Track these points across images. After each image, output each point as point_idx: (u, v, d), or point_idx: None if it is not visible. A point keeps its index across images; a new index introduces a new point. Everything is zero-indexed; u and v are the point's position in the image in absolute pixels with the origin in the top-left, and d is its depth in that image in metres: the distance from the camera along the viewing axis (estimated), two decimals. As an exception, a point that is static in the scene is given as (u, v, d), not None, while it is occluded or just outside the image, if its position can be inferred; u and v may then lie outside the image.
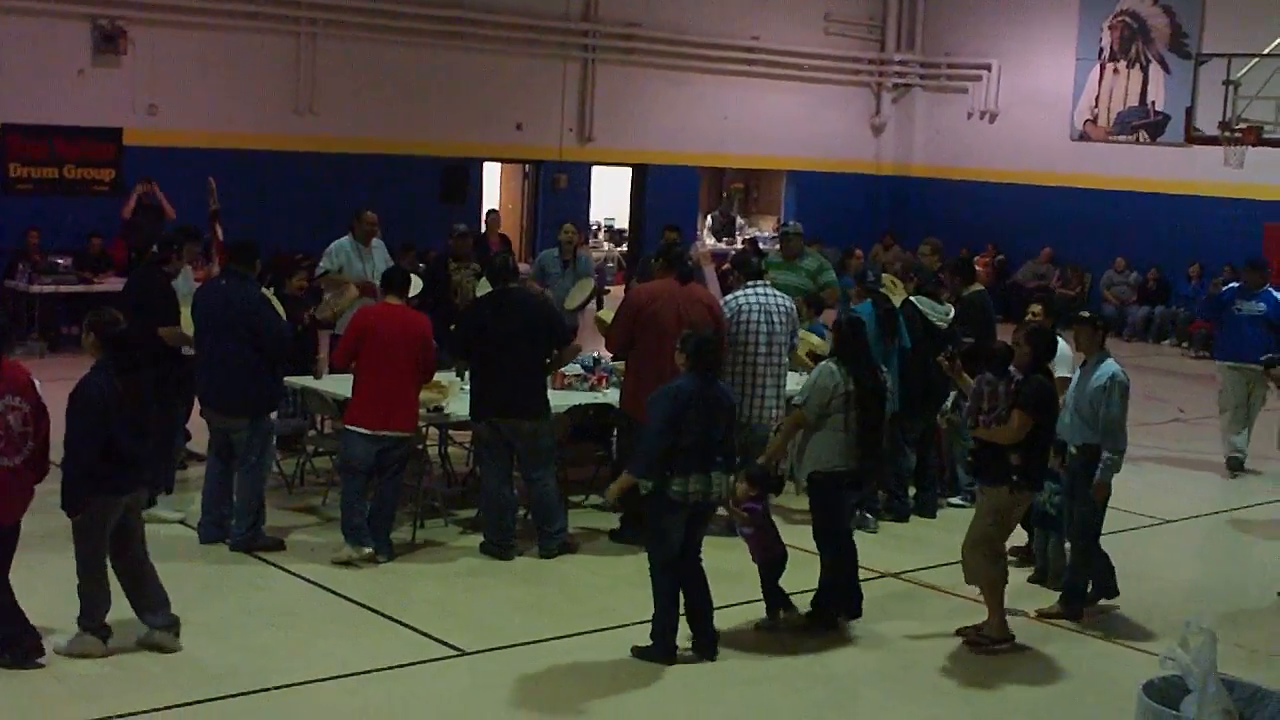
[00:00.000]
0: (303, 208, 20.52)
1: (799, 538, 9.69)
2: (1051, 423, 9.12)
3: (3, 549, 7.97)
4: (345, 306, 12.25)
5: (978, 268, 17.00)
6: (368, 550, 9.86)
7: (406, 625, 8.85)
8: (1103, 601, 9.85)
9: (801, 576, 9.35)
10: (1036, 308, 11.36)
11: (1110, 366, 9.42)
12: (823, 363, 9.45)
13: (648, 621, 8.53)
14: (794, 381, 11.24)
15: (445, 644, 8.57)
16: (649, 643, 8.46)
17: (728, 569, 9.38)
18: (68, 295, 18.15)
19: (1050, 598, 9.85)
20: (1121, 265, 25.05)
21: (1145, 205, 24.99)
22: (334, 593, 9.39)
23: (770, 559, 9.09)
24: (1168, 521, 12.54)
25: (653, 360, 10.10)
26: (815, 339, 12.42)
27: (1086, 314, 10.01)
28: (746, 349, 10.88)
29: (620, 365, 11.28)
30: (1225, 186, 22.99)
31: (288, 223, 19.92)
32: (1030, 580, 10.22)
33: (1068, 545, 9.99)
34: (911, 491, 12.04)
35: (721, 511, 9.38)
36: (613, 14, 24.46)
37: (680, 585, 8.50)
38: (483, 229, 17.75)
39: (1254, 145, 19.33)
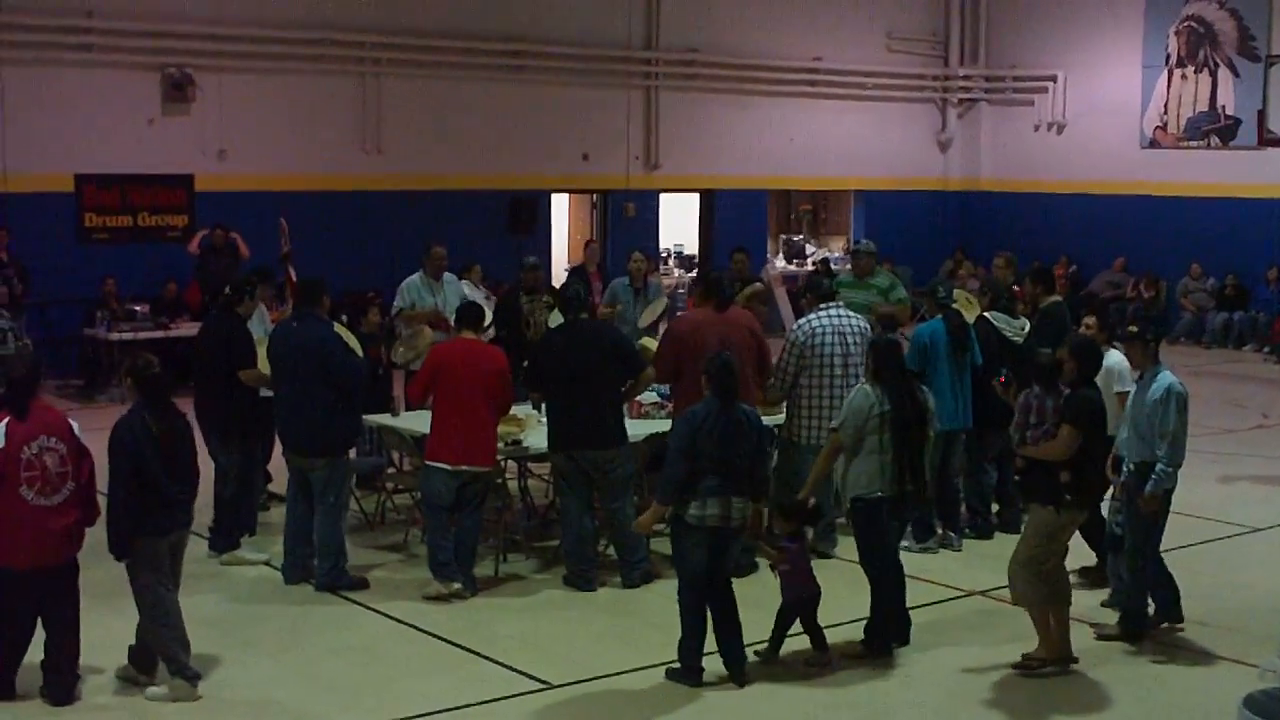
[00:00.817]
0: (373, 246, 20.68)
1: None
2: (1101, 439, 8.88)
3: (56, 589, 8.04)
4: (423, 349, 12.23)
5: (1053, 279, 16.78)
6: (456, 585, 9.87)
7: (493, 660, 8.84)
8: (1165, 625, 9.49)
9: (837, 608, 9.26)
10: (1090, 319, 11.10)
11: (1166, 378, 9.07)
12: (858, 385, 9.25)
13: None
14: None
15: (532, 678, 8.55)
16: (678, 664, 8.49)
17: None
18: (146, 341, 18.33)
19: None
20: (1198, 272, 24.75)
21: (1219, 210, 24.69)
22: (419, 630, 9.40)
23: (802, 597, 8.84)
24: (1257, 530, 12.33)
25: (699, 388, 10.09)
26: None
27: (1135, 328, 9.58)
28: (821, 371, 10.81)
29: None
30: (1300, 188, 22.75)
31: (359, 261, 20.09)
32: (1104, 604, 9.86)
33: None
34: (995, 508, 11.93)
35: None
36: (674, 40, 24.50)
37: (707, 609, 8.48)
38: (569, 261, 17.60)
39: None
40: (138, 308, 18.44)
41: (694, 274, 26.13)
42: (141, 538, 8.04)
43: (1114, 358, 10.13)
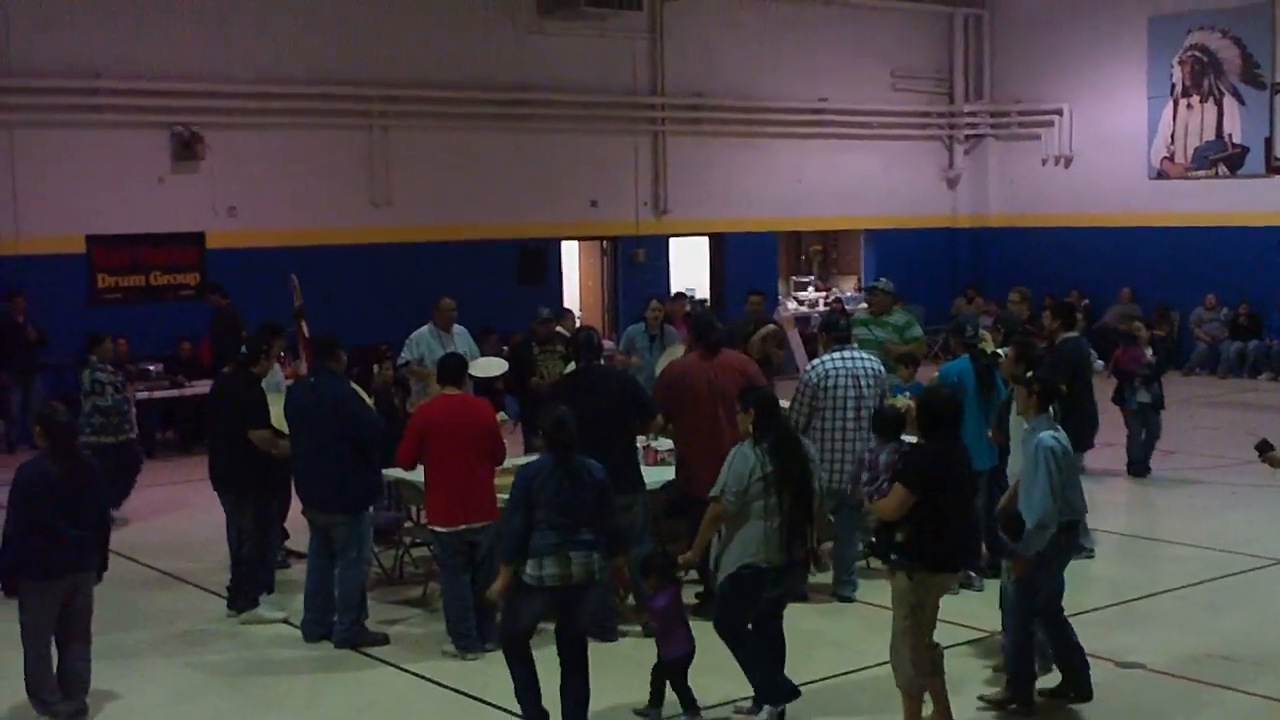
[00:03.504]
0: (384, 299, 20.69)
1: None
2: (957, 495, 7.98)
3: None
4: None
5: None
6: (473, 658, 9.78)
7: (515, 714, 8.76)
8: (1073, 697, 8.73)
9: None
10: (1010, 351, 10.75)
11: (1042, 433, 8.36)
12: (737, 445, 8.41)
13: (740, 699, 8.49)
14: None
15: (555, 730, 8.48)
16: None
17: (832, 635, 9.25)
18: (162, 401, 18.37)
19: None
20: (1213, 303, 24.61)
21: (1229, 239, 24.67)
22: (441, 685, 9.35)
23: (672, 657, 8.49)
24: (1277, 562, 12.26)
25: (694, 433, 10.12)
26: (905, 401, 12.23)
27: (1030, 374, 9.03)
28: (834, 413, 10.79)
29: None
30: (1311, 215, 22.72)
31: (370, 314, 20.07)
32: (995, 669, 9.24)
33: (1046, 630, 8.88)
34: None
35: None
36: (679, 85, 24.58)
37: (527, 667, 8.24)
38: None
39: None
40: (151, 367, 18.45)
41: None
42: (30, 579, 8.35)
43: None
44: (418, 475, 11.24)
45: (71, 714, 8.58)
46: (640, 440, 10.91)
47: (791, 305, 26.65)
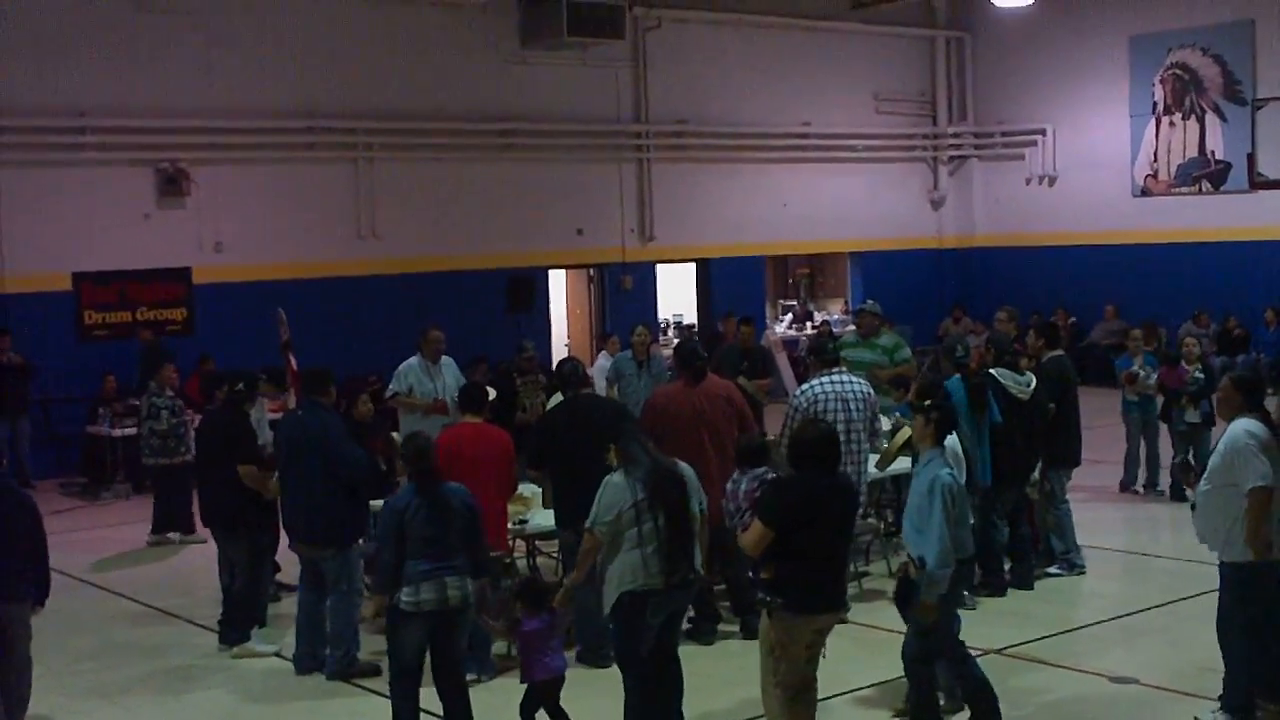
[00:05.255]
0: (372, 331, 20.70)
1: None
2: (815, 536, 7.50)
3: None
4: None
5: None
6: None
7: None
8: None
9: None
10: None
11: (941, 471, 8.13)
12: (608, 476, 8.26)
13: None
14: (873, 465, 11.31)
15: (551, 759, 8.45)
16: None
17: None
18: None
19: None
20: (1205, 320, 24.37)
21: (1214, 255, 24.77)
22: (436, 715, 9.29)
23: (533, 680, 8.44)
24: None
25: (678, 458, 10.11)
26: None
27: (927, 402, 8.74)
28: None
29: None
30: (1294, 229, 22.78)
31: (358, 347, 20.08)
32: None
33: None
34: (1007, 565, 11.86)
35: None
36: (662, 112, 24.65)
37: (412, 705, 8.39)
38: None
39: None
40: (137, 402, 18.37)
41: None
42: None
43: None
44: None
45: None
46: None
47: (779, 329, 26.66)
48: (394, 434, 12.54)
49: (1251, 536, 7.99)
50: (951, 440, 9.11)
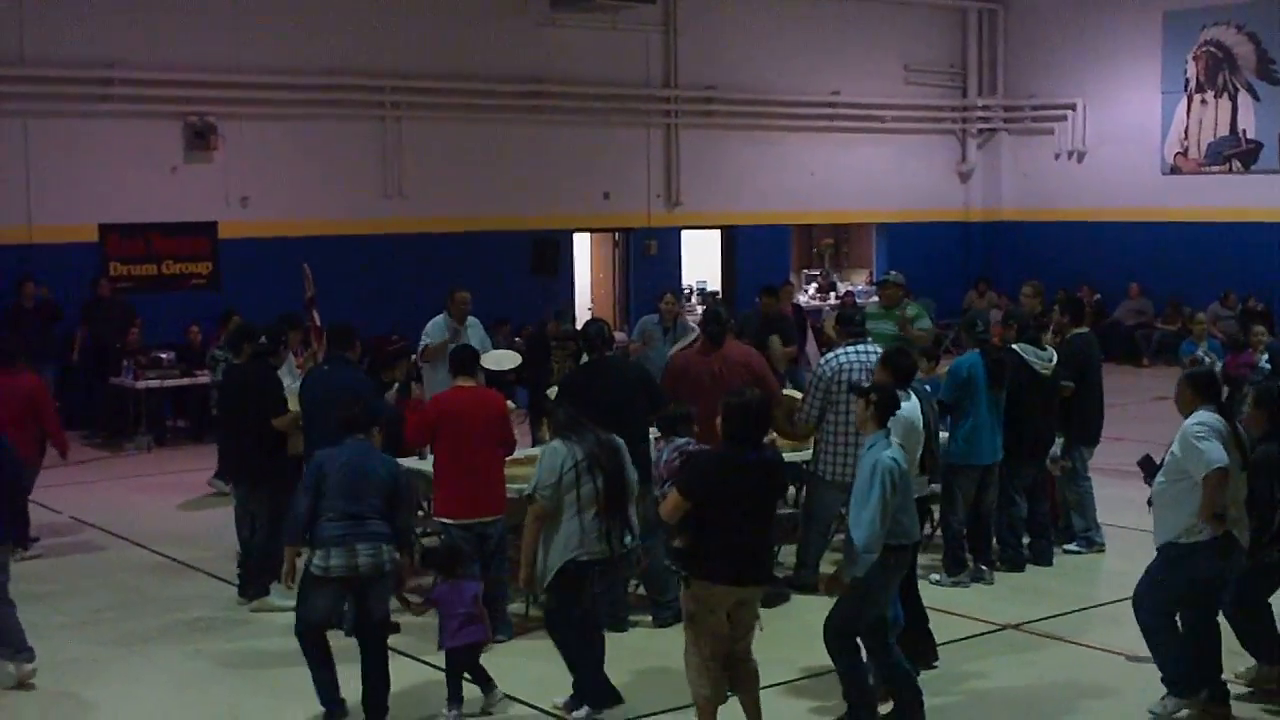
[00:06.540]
0: (396, 289, 20.73)
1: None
2: (726, 510, 7.52)
3: None
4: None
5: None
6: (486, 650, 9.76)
7: (528, 704, 8.80)
8: None
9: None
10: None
11: (884, 453, 7.89)
12: (549, 443, 8.50)
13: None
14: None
15: (564, 720, 8.49)
16: None
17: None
18: (173, 389, 18.39)
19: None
20: (1232, 300, 24.10)
21: (1242, 235, 24.63)
22: (451, 673, 9.35)
23: (448, 647, 8.55)
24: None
25: (697, 423, 10.14)
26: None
27: (865, 384, 8.67)
28: (847, 407, 10.68)
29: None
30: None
31: (382, 305, 20.13)
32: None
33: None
34: (1026, 540, 11.86)
35: None
36: (692, 78, 24.57)
37: (323, 658, 8.44)
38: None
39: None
40: (163, 355, 18.46)
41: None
42: None
43: (906, 406, 8.88)
44: (427, 465, 11.26)
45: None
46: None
47: (803, 298, 26.60)
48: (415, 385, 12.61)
49: (1206, 511, 8.04)
50: (911, 414, 8.96)
